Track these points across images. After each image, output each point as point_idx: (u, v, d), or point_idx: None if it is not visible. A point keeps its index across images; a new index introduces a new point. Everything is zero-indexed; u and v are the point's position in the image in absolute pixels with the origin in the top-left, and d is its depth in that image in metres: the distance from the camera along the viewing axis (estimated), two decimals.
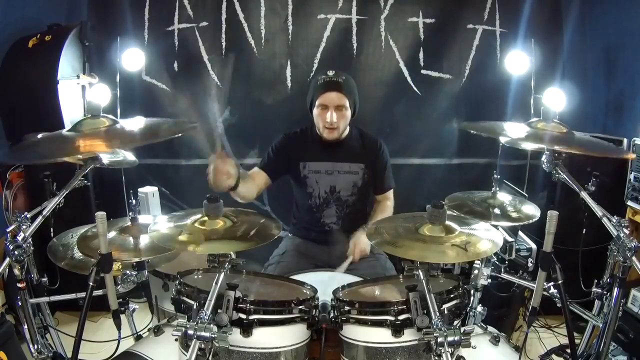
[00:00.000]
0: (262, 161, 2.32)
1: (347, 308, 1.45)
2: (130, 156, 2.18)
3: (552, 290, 1.59)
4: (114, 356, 1.59)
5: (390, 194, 2.41)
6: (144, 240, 1.75)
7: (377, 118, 3.09)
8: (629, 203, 2.41)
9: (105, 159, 1.80)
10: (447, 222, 1.52)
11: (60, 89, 2.57)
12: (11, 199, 2.56)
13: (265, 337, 1.40)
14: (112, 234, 1.77)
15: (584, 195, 1.57)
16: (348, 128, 2.29)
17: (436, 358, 1.28)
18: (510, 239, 2.05)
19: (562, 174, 1.65)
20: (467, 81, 3.08)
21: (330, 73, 2.17)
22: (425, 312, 1.35)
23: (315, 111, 2.18)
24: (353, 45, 3.03)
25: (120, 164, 2.23)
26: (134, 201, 1.98)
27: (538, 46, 2.94)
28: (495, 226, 1.71)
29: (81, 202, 2.38)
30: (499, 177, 2.04)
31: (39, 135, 1.77)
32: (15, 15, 2.69)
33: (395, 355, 1.40)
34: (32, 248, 1.54)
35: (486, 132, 1.98)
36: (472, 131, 2.01)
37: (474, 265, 1.84)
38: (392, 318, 1.39)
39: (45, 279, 1.82)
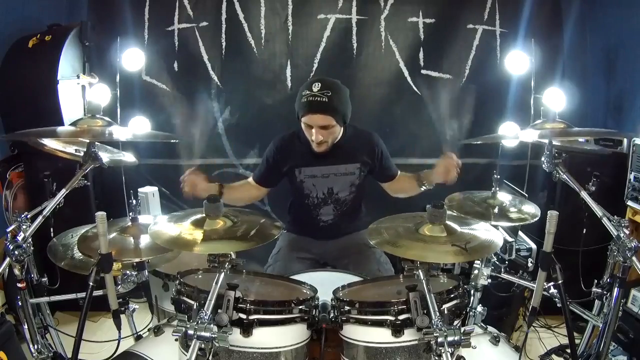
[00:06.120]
0: (258, 173, 2.28)
1: (347, 308, 1.45)
2: (130, 157, 2.18)
3: (552, 290, 1.59)
4: (114, 356, 1.59)
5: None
6: (144, 240, 1.75)
7: (377, 118, 3.09)
8: (629, 203, 2.41)
9: (105, 157, 1.79)
10: (447, 222, 1.52)
11: (60, 89, 2.57)
12: (11, 199, 2.56)
13: (265, 337, 1.40)
14: (112, 234, 1.77)
15: (584, 195, 1.57)
16: (341, 131, 2.19)
17: (436, 358, 1.28)
18: (510, 239, 2.05)
19: (562, 174, 1.65)
20: (467, 81, 3.08)
21: (316, 88, 1.95)
22: (425, 312, 1.35)
23: (302, 126, 2.09)
24: (353, 45, 3.03)
25: (120, 163, 2.23)
26: (134, 201, 1.98)
27: (538, 46, 2.94)
28: (495, 226, 1.71)
29: (81, 202, 2.38)
30: (499, 177, 2.03)
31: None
32: (15, 15, 2.69)
33: (395, 355, 1.40)
34: (32, 248, 1.54)
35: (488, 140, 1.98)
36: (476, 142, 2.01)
37: (474, 265, 1.84)
38: (392, 318, 1.39)
39: (45, 279, 1.82)
